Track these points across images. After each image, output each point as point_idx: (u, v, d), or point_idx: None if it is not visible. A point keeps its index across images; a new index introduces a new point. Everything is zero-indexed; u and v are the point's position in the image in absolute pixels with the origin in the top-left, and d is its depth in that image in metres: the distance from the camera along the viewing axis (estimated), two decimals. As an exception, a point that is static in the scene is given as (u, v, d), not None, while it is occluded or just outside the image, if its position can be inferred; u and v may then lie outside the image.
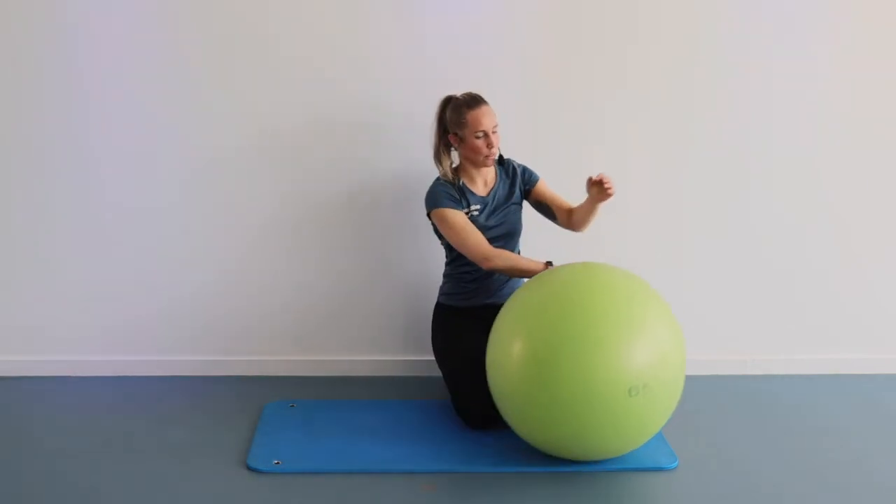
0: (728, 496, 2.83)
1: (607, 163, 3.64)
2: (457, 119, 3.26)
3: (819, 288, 3.79)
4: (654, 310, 2.86)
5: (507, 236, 3.37)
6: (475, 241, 3.25)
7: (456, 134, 3.28)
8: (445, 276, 3.47)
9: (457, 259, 3.38)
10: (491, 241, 3.30)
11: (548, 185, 3.43)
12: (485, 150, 3.26)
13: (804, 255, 3.76)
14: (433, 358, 3.51)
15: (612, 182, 3.12)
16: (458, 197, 3.31)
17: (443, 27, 3.55)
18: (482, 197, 3.35)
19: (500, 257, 3.24)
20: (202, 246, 3.65)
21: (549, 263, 3.22)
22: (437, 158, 3.35)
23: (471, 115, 3.23)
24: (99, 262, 3.64)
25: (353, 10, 3.51)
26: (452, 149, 3.34)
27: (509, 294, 3.33)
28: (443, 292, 3.47)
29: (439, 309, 3.48)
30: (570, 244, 3.42)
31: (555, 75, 3.60)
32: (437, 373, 3.55)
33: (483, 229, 3.30)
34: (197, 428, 3.23)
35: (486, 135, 3.24)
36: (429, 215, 3.34)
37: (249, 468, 2.93)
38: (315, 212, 3.65)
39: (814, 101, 3.66)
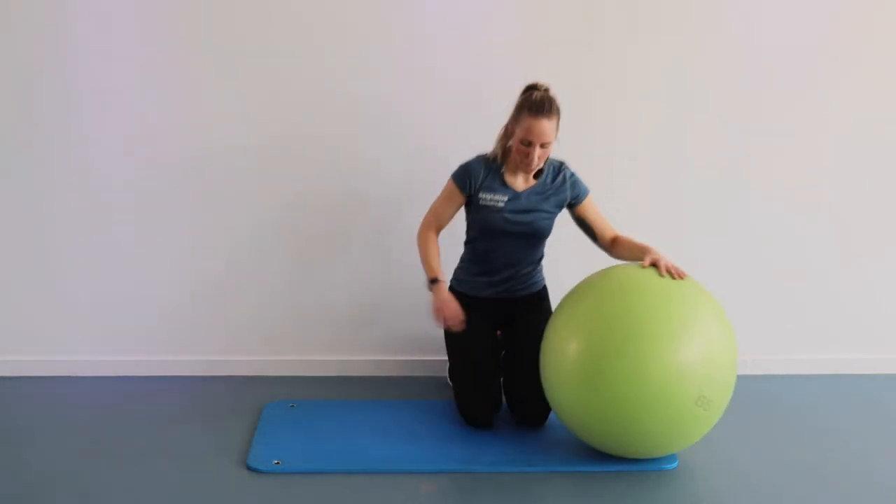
0: (728, 496, 2.84)
1: (607, 163, 3.66)
2: (517, 115, 3.14)
3: (819, 288, 3.79)
4: (710, 312, 2.88)
5: (529, 236, 3.27)
6: (432, 218, 3.28)
7: (512, 126, 3.17)
8: (461, 258, 3.41)
9: (473, 241, 3.32)
10: (511, 236, 3.23)
11: (595, 203, 3.31)
12: (525, 160, 3.14)
13: (804, 255, 3.76)
14: (433, 358, 3.52)
15: (677, 271, 2.95)
16: (478, 182, 3.22)
17: (441, 26, 3.55)
18: (516, 192, 3.23)
19: (422, 241, 3.27)
20: (203, 247, 3.65)
21: (433, 281, 3.22)
22: (499, 140, 3.23)
23: (527, 120, 3.09)
24: (99, 262, 3.64)
25: (354, 5, 3.51)
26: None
27: (521, 289, 3.29)
28: (455, 276, 3.41)
29: (451, 293, 3.35)
30: (571, 245, 3.41)
31: (555, 75, 3.60)
32: (438, 373, 3.56)
33: (506, 223, 3.22)
34: (197, 428, 3.23)
35: (531, 145, 3.11)
36: None
37: (249, 468, 2.93)
38: (316, 212, 3.65)
39: (814, 102, 3.66)
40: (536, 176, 3.27)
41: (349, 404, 3.43)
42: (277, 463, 2.95)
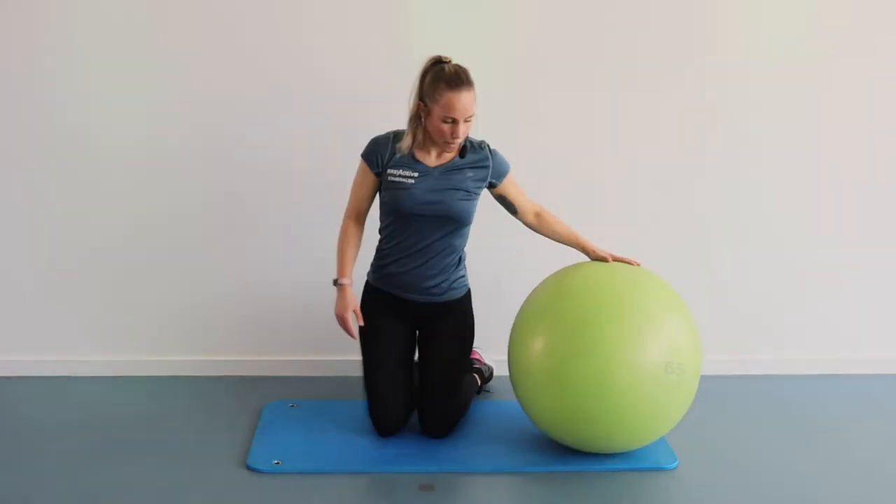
0: (728, 496, 2.83)
1: (608, 165, 3.66)
2: (432, 92, 2.91)
3: (820, 288, 3.78)
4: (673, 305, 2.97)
5: (445, 220, 3.03)
6: (351, 205, 3.13)
7: (426, 104, 2.94)
8: (376, 248, 3.20)
9: (386, 229, 3.13)
10: (424, 220, 3.02)
11: (514, 177, 3.14)
12: (447, 137, 2.93)
13: (805, 254, 3.76)
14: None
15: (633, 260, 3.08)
16: (386, 158, 3.03)
17: (439, 21, 3.54)
18: (428, 167, 3.03)
19: (341, 234, 3.12)
20: (202, 246, 3.65)
21: (335, 281, 3.11)
22: (411, 123, 3.00)
23: (447, 95, 2.88)
24: (98, 262, 3.64)
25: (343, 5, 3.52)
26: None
27: (435, 293, 3.12)
28: (370, 268, 3.21)
29: (366, 288, 3.23)
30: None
31: (559, 74, 3.60)
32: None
33: (416, 202, 3.00)
34: (197, 428, 3.23)
35: (454, 122, 2.91)
36: None
37: (249, 468, 2.93)
38: (315, 211, 3.64)
39: (815, 102, 3.66)
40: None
41: (349, 404, 3.43)
42: (277, 463, 2.95)
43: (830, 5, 3.60)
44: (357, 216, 3.15)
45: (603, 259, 3.09)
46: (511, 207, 3.18)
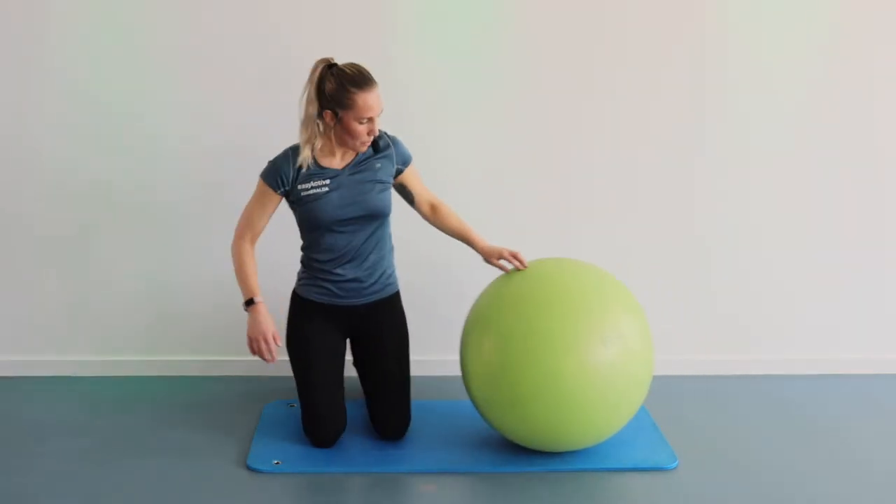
0: (728, 496, 2.84)
1: (605, 165, 3.66)
2: (340, 97, 2.85)
3: (819, 288, 3.78)
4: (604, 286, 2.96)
5: (368, 219, 3.00)
6: (245, 225, 3.06)
7: (334, 112, 2.89)
8: (301, 262, 3.16)
9: (314, 243, 3.07)
10: (348, 223, 2.98)
11: (415, 167, 3.13)
12: (363, 137, 2.91)
13: (805, 254, 3.76)
14: (431, 358, 3.51)
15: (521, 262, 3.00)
16: (290, 175, 2.96)
17: (436, 22, 3.54)
18: (337, 170, 2.98)
19: (236, 255, 3.06)
20: (203, 246, 3.65)
21: (249, 303, 3.05)
22: (306, 131, 2.93)
23: (360, 97, 2.84)
24: (99, 261, 3.64)
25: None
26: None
27: (372, 292, 3.09)
28: (298, 281, 3.16)
29: (295, 300, 3.15)
30: (570, 246, 3.41)
31: (555, 74, 3.60)
32: (435, 373, 3.55)
33: (336, 208, 2.96)
34: (197, 428, 3.23)
35: (370, 120, 2.88)
36: None
37: (249, 468, 2.93)
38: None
39: (815, 102, 3.66)
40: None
41: (349, 405, 3.41)
42: (277, 463, 2.95)
43: (830, 5, 3.60)
44: (252, 238, 3.08)
45: (490, 255, 3.03)
46: (409, 197, 3.15)
